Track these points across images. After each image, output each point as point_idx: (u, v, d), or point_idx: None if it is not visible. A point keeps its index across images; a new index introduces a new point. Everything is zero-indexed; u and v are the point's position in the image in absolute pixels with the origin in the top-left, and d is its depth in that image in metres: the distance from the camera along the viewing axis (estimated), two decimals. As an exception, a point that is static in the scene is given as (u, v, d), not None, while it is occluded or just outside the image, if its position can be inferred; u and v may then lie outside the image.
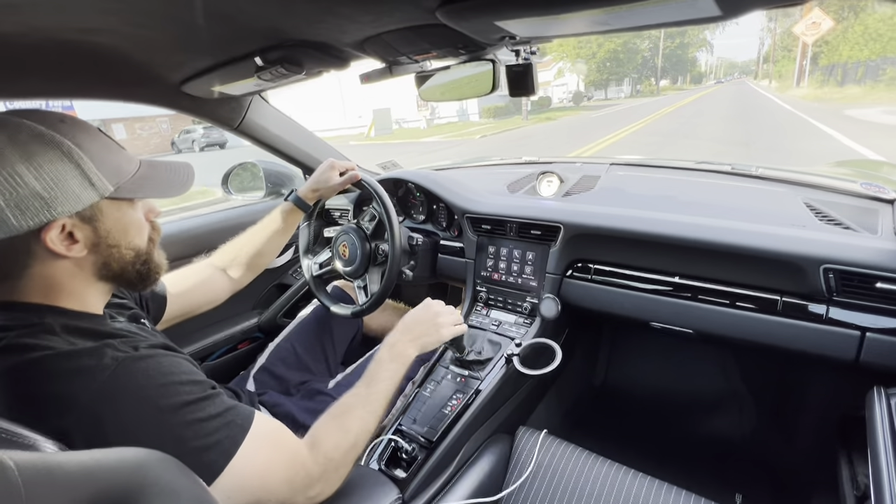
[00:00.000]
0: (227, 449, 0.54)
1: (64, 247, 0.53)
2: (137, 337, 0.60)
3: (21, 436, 0.42)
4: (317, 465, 0.62)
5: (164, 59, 0.84)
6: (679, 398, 1.50)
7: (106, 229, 0.57)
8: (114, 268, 0.60)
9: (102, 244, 0.57)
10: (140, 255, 0.62)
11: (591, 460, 0.92)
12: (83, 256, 0.56)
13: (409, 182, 1.36)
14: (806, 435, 1.20)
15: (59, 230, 0.52)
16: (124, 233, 0.59)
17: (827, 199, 1.01)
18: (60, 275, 0.56)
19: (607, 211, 1.06)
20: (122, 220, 0.59)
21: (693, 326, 0.98)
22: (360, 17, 0.64)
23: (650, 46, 52.78)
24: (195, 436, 0.53)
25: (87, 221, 0.55)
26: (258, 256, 1.05)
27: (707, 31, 60.84)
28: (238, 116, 1.25)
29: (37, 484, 0.26)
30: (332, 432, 0.67)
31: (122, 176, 0.58)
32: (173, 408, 0.53)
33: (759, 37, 61.41)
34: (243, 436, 0.56)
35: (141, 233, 0.62)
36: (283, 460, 0.59)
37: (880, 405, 0.72)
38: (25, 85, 0.82)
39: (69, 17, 0.60)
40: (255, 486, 0.56)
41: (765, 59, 58.04)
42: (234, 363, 1.40)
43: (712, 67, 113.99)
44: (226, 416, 0.56)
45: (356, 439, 0.68)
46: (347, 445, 0.67)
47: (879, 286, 0.76)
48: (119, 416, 0.50)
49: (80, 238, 0.55)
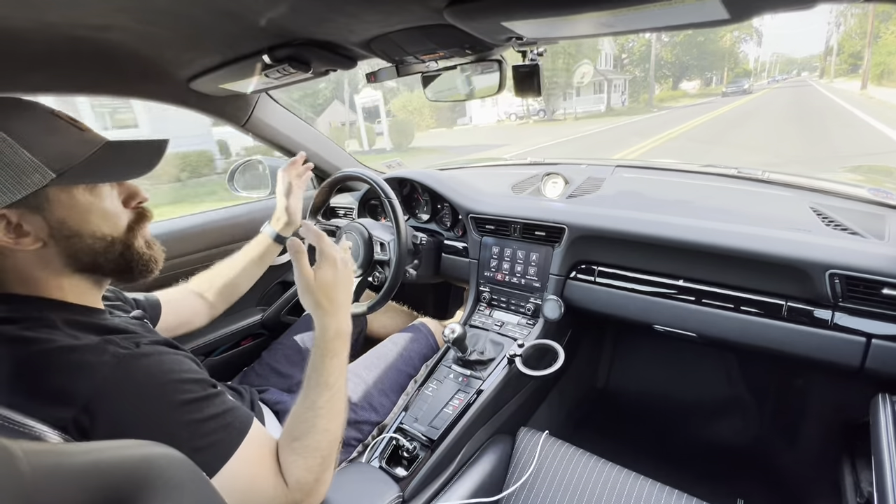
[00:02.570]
0: (222, 451, 0.54)
1: (11, 240, 0.51)
2: (139, 334, 0.59)
3: (29, 426, 0.42)
4: (293, 492, 0.59)
5: (174, 56, 0.85)
6: (682, 402, 1.49)
7: (58, 219, 0.53)
8: (83, 259, 0.56)
9: (58, 235, 0.54)
10: (114, 245, 0.58)
11: (592, 462, 0.92)
12: (42, 248, 0.53)
13: (414, 181, 1.36)
14: (809, 441, 1.19)
15: (1, 223, 0.50)
16: (83, 221, 0.55)
17: (834, 204, 1.00)
18: (28, 267, 0.54)
19: (612, 213, 1.06)
20: (77, 207, 0.54)
21: (697, 330, 0.97)
22: (367, 16, 0.64)
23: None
24: (192, 436, 0.52)
25: (34, 211, 0.52)
26: (233, 286, 1.04)
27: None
28: (245, 114, 1.26)
29: (45, 473, 0.27)
30: (298, 459, 0.60)
31: (69, 160, 0.53)
32: (172, 406, 0.52)
33: (830, 21, 45.09)
34: (240, 439, 0.56)
35: (109, 220, 0.58)
36: (272, 471, 0.58)
37: (885, 412, 0.71)
38: (36, 80, 0.83)
39: (81, 13, 0.61)
40: (241, 491, 0.55)
41: (839, 49, 46.33)
42: (237, 359, 1.41)
43: (764, 64, 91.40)
44: (224, 418, 0.56)
45: (326, 452, 0.63)
46: (318, 462, 0.61)
47: (886, 292, 0.75)
48: (118, 413, 0.50)
49: (30, 230, 0.52)
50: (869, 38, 28.18)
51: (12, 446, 0.26)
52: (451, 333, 0.96)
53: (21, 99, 0.54)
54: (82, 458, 0.30)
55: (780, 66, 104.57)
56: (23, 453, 0.26)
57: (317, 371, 0.66)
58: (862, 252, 0.79)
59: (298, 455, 0.60)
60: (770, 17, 0.49)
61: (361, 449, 0.95)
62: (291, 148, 1.44)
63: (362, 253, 1.14)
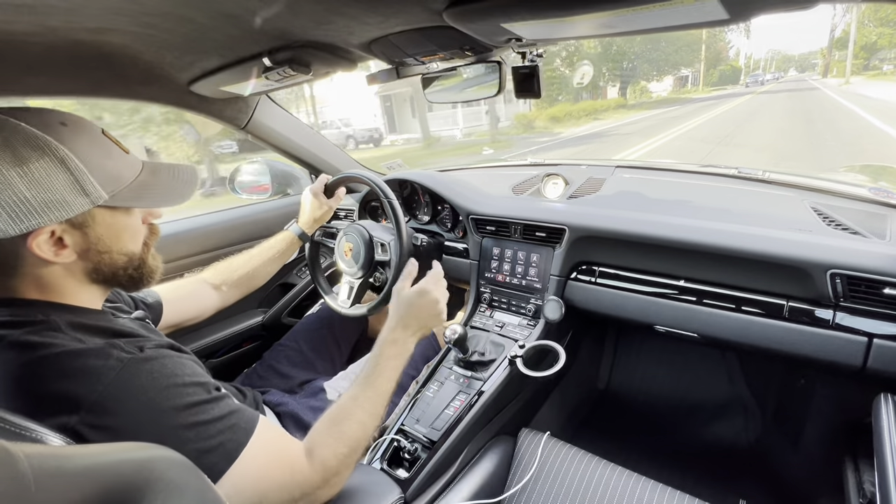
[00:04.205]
0: (229, 452, 0.55)
1: (52, 252, 0.53)
2: (143, 337, 0.60)
3: (30, 429, 0.42)
4: (315, 474, 0.62)
5: (174, 58, 0.85)
6: (683, 402, 1.49)
7: (97, 236, 0.56)
8: (104, 272, 0.59)
9: (93, 250, 0.57)
10: (133, 260, 0.62)
11: (594, 463, 0.91)
12: (73, 261, 0.56)
13: (415, 183, 1.36)
14: (811, 441, 1.18)
15: (47, 236, 0.52)
16: (116, 239, 0.59)
17: (835, 204, 1.00)
18: (52, 277, 0.56)
19: (612, 213, 1.05)
20: (115, 226, 0.58)
21: (698, 330, 0.97)
22: (367, 18, 0.64)
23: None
24: (198, 438, 0.53)
25: (77, 228, 0.55)
26: (250, 279, 1.09)
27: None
28: (245, 116, 1.27)
29: (46, 475, 0.27)
30: (330, 440, 0.65)
31: (119, 183, 0.57)
32: (177, 409, 0.53)
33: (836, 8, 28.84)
34: (247, 439, 0.56)
35: (135, 238, 0.62)
36: (282, 467, 0.59)
37: (887, 412, 0.71)
38: (36, 83, 0.83)
39: (82, 16, 0.61)
40: (252, 491, 0.56)
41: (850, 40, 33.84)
42: (238, 361, 1.41)
43: (757, 62, 72.74)
44: (230, 419, 0.56)
45: (355, 444, 0.67)
46: (346, 452, 0.66)
47: (887, 292, 0.75)
48: (123, 416, 0.50)
49: (70, 244, 0.55)
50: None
51: (13, 449, 0.26)
52: (453, 334, 0.96)
53: (79, 117, 0.57)
54: (83, 460, 0.30)
55: (777, 63, 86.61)
56: (24, 456, 0.26)
57: (368, 369, 0.76)
58: (863, 252, 0.79)
59: (331, 438, 0.66)
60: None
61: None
62: (292, 150, 1.44)
63: (363, 254, 1.14)
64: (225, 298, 1.04)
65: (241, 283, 1.06)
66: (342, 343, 1.25)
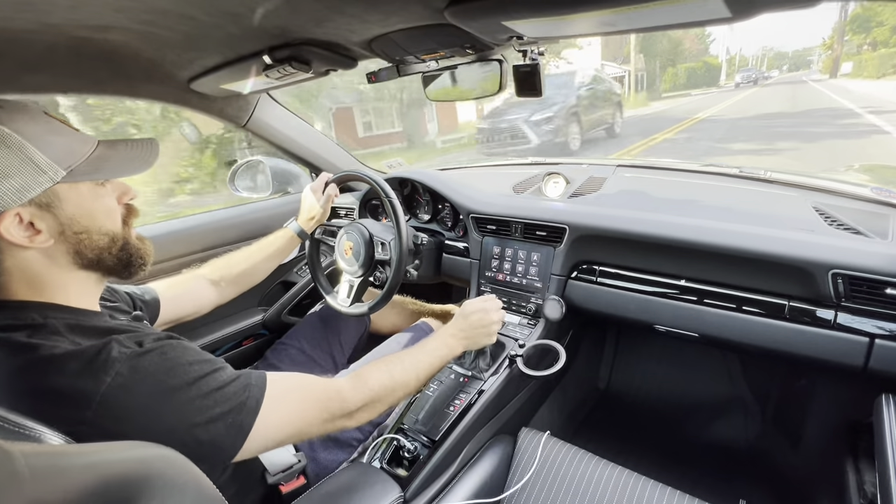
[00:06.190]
0: (251, 407, 0.58)
1: (25, 238, 0.52)
2: (140, 332, 0.60)
3: (27, 428, 0.42)
4: (358, 394, 0.69)
5: (174, 56, 0.85)
6: (684, 402, 1.49)
7: (68, 216, 0.55)
8: (88, 255, 0.58)
9: (68, 231, 0.56)
10: (116, 240, 0.61)
11: (594, 463, 0.91)
12: (51, 246, 0.55)
13: (415, 181, 1.36)
14: (812, 441, 1.18)
15: (15, 221, 0.51)
16: (91, 218, 0.57)
17: (837, 204, 1.00)
18: (35, 266, 0.55)
19: (613, 213, 1.05)
20: (85, 204, 0.57)
21: (698, 330, 0.97)
22: (368, 16, 0.64)
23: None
24: (216, 403, 0.55)
25: (45, 209, 0.53)
26: (248, 275, 1.08)
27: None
28: (245, 114, 1.26)
29: (43, 474, 0.27)
30: (377, 371, 0.75)
31: (74, 158, 0.55)
32: (187, 384, 0.54)
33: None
34: (263, 392, 0.59)
35: (112, 216, 0.61)
36: (312, 398, 0.65)
37: (889, 412, 0.71)
38: (37, 80, 0.83)
39: (83, 14, 0.61)
40: (290, 429, 0.61)
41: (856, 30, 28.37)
42: (238, 360, 1.41)
43: (746, 60, 54.61)
44: (241, 381, 0.59)
45: (396, 384, 0.76)
46: (389, 384, 0.74)
47: (889, 292, 0.75)
48: (135, 408, 0.51)
49: (43, 227, 0.53)
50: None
51: (10, 448, 0.26)
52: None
53: (15, 101, 0.55)
54: (81, 459, 0.30)
55: (770, 60, 72.35)
56: (21, 455, 0.26)
57: (418, 347, 0.86)
58: (865, 252, 0.79)
59: (379, 371, 0.75)
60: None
61: (362, 449, 0.95)
62: (292, 148, 1.44)
63: (363, 253, 1.14)
64: (223, 294, 1.04)
65: (239, 280, 1.06)
66: (343, 342, 1.25)
